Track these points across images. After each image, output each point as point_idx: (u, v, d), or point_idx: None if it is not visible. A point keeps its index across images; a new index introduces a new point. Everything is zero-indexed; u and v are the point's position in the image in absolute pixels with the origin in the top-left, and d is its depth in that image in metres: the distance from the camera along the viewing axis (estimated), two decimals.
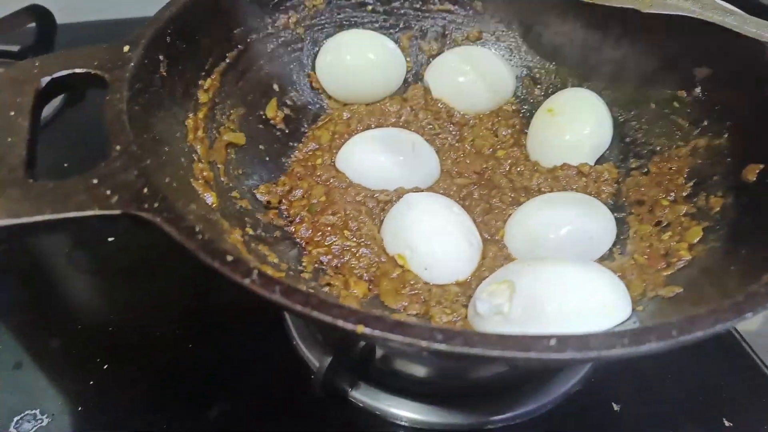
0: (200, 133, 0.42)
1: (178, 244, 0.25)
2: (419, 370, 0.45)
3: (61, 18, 0.79)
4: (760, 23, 0.43)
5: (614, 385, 0.45)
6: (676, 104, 0.47)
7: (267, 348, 0.48)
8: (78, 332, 0.50)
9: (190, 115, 0.42)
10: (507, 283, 0.34)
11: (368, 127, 0.53)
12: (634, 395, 0.45)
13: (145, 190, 0.27)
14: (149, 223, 0.27)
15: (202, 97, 0.43)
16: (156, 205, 0.27)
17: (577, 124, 0.50)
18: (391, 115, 0.55)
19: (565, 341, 0.23)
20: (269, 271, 0.33)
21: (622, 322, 0.32)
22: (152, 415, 0.44)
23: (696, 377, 0.47)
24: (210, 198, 0.37)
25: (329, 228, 0.43)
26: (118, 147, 0.29)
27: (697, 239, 0.38)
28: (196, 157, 0.40)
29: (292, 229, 0.44)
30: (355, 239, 0.43)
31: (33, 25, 0.79)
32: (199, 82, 0.44)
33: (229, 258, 0.25)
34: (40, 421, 0.43)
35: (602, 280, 0.34)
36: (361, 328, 0.23)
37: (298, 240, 0.43)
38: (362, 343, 0.39)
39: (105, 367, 0.47)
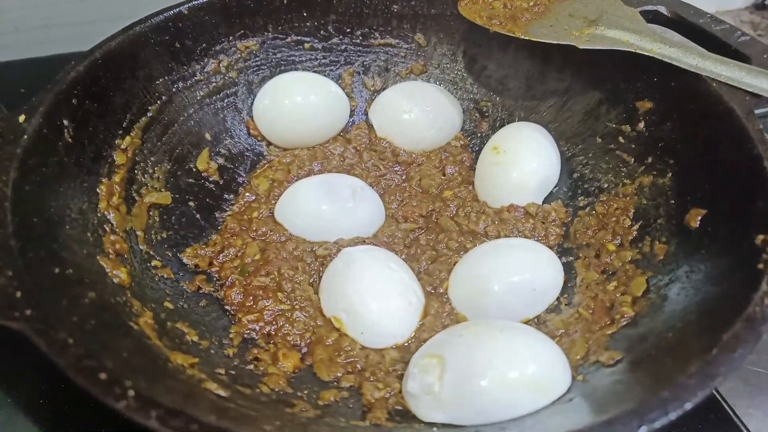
0: (115, 199, 0.39)
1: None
2: None
3: (3, 56, 0.76)
4: (704, 54, 0.41)
5: None
6: (621, 139, 0.46)
7: None
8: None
9: (104, 180, 0.39)
10: (437, 358, 0.32)
11: (310, 173, 0.51)
12: None
13: (18, 294, 0.25)
14: (19, 332, 0.24)
15: (119, 159, 0.41)
16: (28, 312, 0.24)
17: (523, 161, 0.48)
18: (335, 158, 0.53)
19: None
20: (179, 359, 0.31)
21: (560, 398, 0.30)
22: None
23: None
24: (120, 275, 0.35)
25: (261, 291, 0.40)
26: None
27: (641, 292, 0.36)
28: (108, 228, 0.37)
29: (222, 294, 0.41)
30: (289, 302, 0.40)
31: None
32: (116, 142, 0.41)
33: (103, 376, 0.22)
34: None
35: (540, 350, 0.32)
36: None
37: (227, 307, 0.40)
38: None
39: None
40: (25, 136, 0.33)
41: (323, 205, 0.46)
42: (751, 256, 0.29)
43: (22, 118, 0.34)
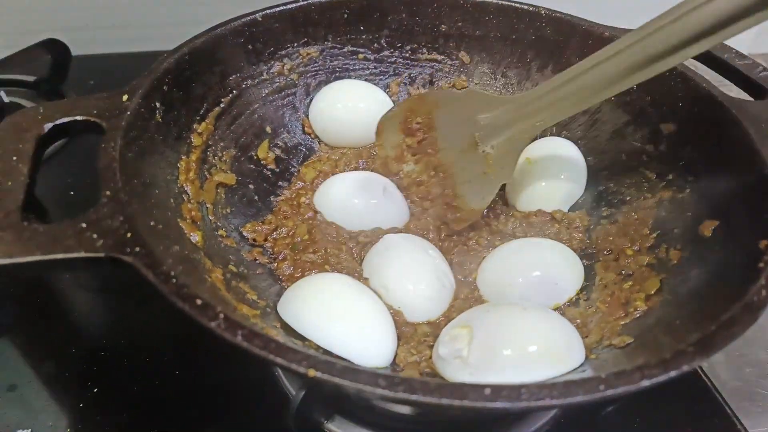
0: (192, 174, 0.44)
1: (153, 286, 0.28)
2: (393, 405, 0.47)
3: (75, 50, 0.84)
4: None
5: (584, 427, 0.47)
6: (644, 157, 0.50)
7: (251, 377, 0.50)
8: (71, 356, 0.52)
9: (183, 157, 0.45)
10: (467, 328, 0.36)
11: (355, 169, 0.56)
12: None
13: (129, 235, 0.30)
14: (131, 266, 0.29)
15: (196, 141, 0.47)
16: (137, 249, 0.29)
17: (553, 172, 0.52)
18: (379, 158, 0.57)
19: (498, 391, 0.25)
20: (245, 310, 0.36)
21: (574, 369, 0.34)
22: None
23: (665, 421, 0.48)
24: (196, 237, 0.40)
25: (309, 265, 0.45)
26: (107, 193, 0.32)
27: (654, 290, 0.40)
28: (185, 198, 0.42)
29: (275, 266, 0.46)
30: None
31: (49, 57, 0.83)
32: (194, 126, 0.47)
33: (199, 302, 0.27)
34: None
35: (557, 327, 0.36)
36: (312, 372, 0.25)
37: (280, 277, 0.45)
38: None
39: (95, 390, 0.49)
40: (128, 112, 0.39)
41: (354, 199, 0.50)
42: (754, 258, 0.33)
43: (125, 97, 0.40)
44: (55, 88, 0.81)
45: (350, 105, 0.58)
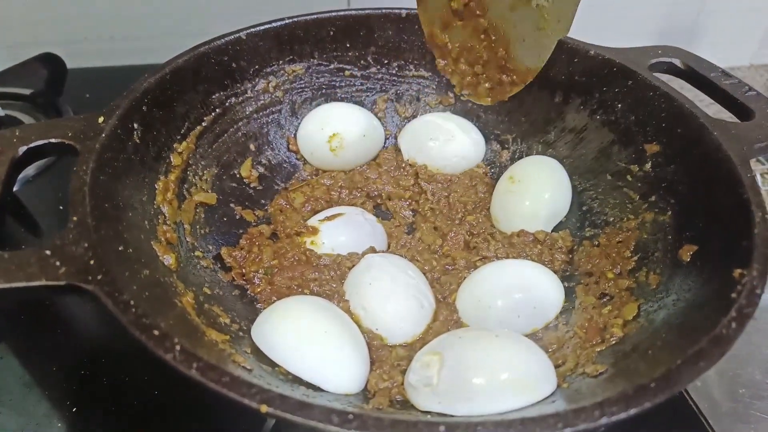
0: (170, 194, 0.45)
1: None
2: None
3: (71, 63, 0.84)
4: None
5: None
6: (629, 177, 0.49)
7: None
8: (52, 373, 0.52)
9: (161, 177, 0.45)
10: (438, 355, 0.35)
11: (351, 192, 0.56)
12: None
13: (92, 262, 0.30)
14: (92, 293, 0.29)
15: (176, 160, 0.47)
16: (99, 277, 0.29)
17: (536, 192, 0.52)
18: (370, 182, 0.57)
19: (452, 428, 0.24)
20: (213, 335, 0.36)
21: (544, 399, 0.34)
22: None
23: None
24: (169, 259, 0.40)
25: (285, 289, 0.45)
26: (74, 218, 0.32)
27: (632, 316, 0.39)
28: (161, 219, 0.42)
29: (252, 287, 0.46)
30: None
31: (45, 71, 0.84)
32: (174, 146, 0.47)
33: (156, 333, 0.27)
34: None
35: (529, 356, 0.35)
36: (264, 408, 0.25)
37: (255, 299, 0.45)
38: None
39: (74, 410, 0.49)
40: (103, 134, 0.39)
41: (342, 237, 0.50)
42: (728, 287, 0.32)
43: (101, 119, 0.40)
44: (52, 101, 0.82)
45: (340, 128, 0.57)
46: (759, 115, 0.45)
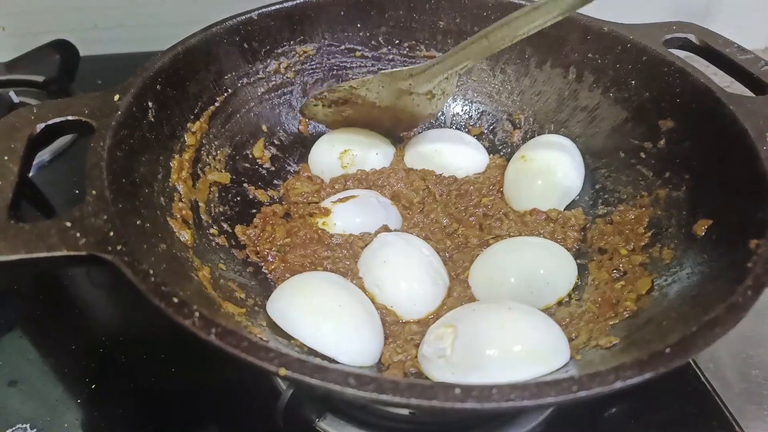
0: (184, 173, 0.45)
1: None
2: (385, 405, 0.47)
3: (84, 50, 0.85)
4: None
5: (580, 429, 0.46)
6: (642, 154, 0.49)
7: (246, 374, 0.51)
8: (71, 352, 0.53)
9: (176, 156, 0.45)
10: (451, 327, 0.36)
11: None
12: None
13: (111, 233, 0.31)
14: (112, 263, 0.30)
15: (190, 140, 0.47)
16: (119, 248, 0.30)
17: (548, 170, 0.52)
18: (381, 179, 0.56)
19: (468, 391, 0.24)
20: (230, 308, 0.36)
21: (557, 369, 0.34)
22: None
23: (662, 423, 0.47)
24: (185, 235, 0.40)
25: (299, 266, 0.45)
26: (93, 192, 0.33)
27: (646, 290, 0.39)
28: (177, 196, 0.43)
29: (266, 264, 0.46)
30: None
31: (58, 57, 0.84)
32: (187, 125, 0.47)
33: (175, 300, 0.28)
34: None
35: (541, 327, 0.35)
36: (283, 371, 0.25)
37: (270, 276, 0.46)
38: None
39: (93, 386, 0.50)
40: (119, 112, 0.39)
41: (357, 218, 0.49)
42: (744, 258, 0.32)
43: (116, 96, 0.41)
44: (64, 88, 0.83)
45: (350, 145, 0.56)
46: None
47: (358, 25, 0.59)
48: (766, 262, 0.31)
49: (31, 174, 0.47)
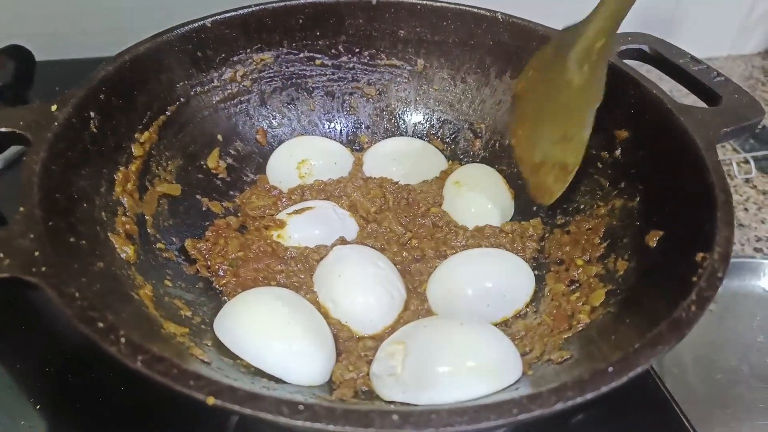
0: (130, 185, 0.43)
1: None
2: None
3: (39, 56, 0.82)
4: None
5: None
6: (599, 164, 0.49)
7: None
8: (17, 372, 0.51)
9: (122, 168, 0.43)
10: (402, 345, 0.35)
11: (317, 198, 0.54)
12: None
13: (37, 254, 0.29)
14: (36, 286, 0.28)
15: (137, 151, 0.45)
16: (44, 269, 0.28)
17: (480, 195, 0.52)
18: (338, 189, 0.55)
19: (406, 417, 0.24)
20: (172, 328, 0.35)
21: (509, 386, 0.33)
22: None
23: (624, 428, 0.47)
24: (127, 251, 0.39)
25: (251, 281, 0.44)
26: (22, 210, 0.31)
27: (599, 302, 0.39)
28: (121, 210, 0.41)
29: (217, 279, 0.45)
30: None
31: (12, 63, 0.81)
32: (135, 136, 0.46)
33: (101, 325, 0.26)
34: None
35: (493, 344, 0.35)
36: (211, 400, 0.24)
37: (220, 292, 0.44)
38: None
39: (37, 407, 0.48)
40: (56, 123, 0.38)
41: (313, 230, 0.49)
42: (691, 271, 0.32)
43: (54, 107, 0.39)
44: (20, 94, 0.80)
45: (308, 154, 0.55)
46: (726, 100, 0.45)
47: (317, 33, 0.58)
48: (710, 276, 0.31)
49: None
